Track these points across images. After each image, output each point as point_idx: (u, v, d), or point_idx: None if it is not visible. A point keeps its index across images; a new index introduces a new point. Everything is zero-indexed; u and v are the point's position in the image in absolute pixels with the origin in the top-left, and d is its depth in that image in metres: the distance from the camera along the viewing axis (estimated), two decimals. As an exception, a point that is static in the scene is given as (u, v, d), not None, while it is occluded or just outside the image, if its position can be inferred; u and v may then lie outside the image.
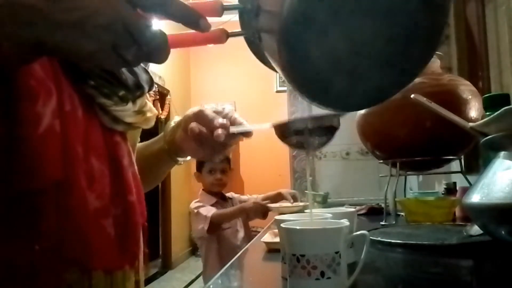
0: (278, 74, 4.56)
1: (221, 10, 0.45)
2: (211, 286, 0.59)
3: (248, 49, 0.50)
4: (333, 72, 0.39)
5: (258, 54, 0.47)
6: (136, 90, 0.55)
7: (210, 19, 0.43)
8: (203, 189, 2.19)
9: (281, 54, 0.37)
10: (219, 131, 0.61)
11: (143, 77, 0.57)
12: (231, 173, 2.29)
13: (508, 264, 0.61)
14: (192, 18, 0.42)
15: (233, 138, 0.63)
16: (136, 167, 0.58)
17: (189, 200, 4.93)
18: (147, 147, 0.67)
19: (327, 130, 0.48)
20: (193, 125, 0.62)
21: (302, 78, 0.39)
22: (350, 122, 1.34)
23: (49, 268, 0.44)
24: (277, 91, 4.74)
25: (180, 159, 0.71)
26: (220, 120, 0.62)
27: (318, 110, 0.45)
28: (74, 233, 0.45)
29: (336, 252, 0.47)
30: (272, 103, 4.30)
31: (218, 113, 0.65)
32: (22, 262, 0.42)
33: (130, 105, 0.54)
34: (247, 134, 0.65)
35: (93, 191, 0.48)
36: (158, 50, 0.41)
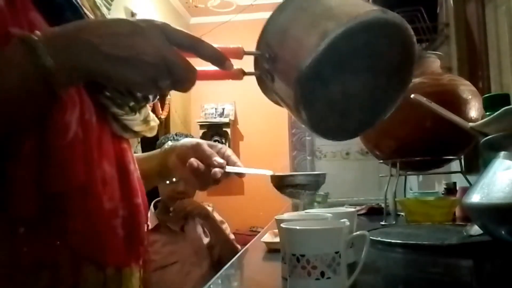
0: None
1: (242, 54, 0.54)
2: (211, 286, 0.59)
3: (247, 49, 0.55)
4: (330, 110, 0.52)
5: (266, 90, 0.56)
6: (143, 101, 0.60)
7: (207, 18, 0.48)
8: (157, 201, 1.55)
9: (295, 95, 0.48)
10: (217, 169, 0.67)
11: None
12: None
13: (508, 264, 0.61)
14: (219, 59, 0.50)
15: (227, 176, 0.70)
16: (139, 172, 0.62)
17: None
18: (138, 162, 0.69)
19: (314, 185, 0.63)
20: (192, 160, 0.67)
21: (308, 114, 0.50)
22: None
23: (69, 263, 0.48)
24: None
25: (168, 181, 0.76)
26: (218, 160, 0.68)
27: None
28: (91, 232, 0.50)
29: (336, 252, 0.47)
30: (271, 103, 4.28)
31: (212, 147, 0.72)
32: (47, 258, 0.46)
33: (138, 114, 0.60)
34: (240, 174, 0.72)
35: (105, 194, 0.52)
36: (188, 82, 0.48)
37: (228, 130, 4.40)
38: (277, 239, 0.81)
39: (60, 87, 0.44)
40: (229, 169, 0.69)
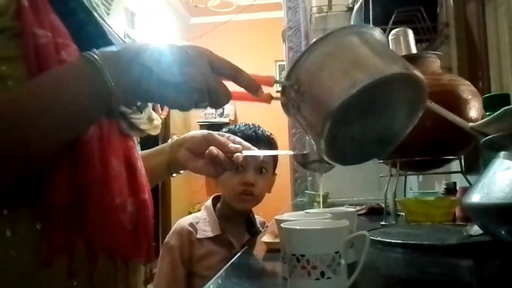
0: (278, 74, 4.53)
1: (273, 83, 0.61)
2: (211, 286, 0.59)
3: (247, 49, 0.58)
4: (349, 143, 0.57)
5: (288, 112, 0.62)
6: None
7: (207, 18, 0.50)
8: (220, 203, 1.23)
9: (320, 130, 0.54)
10: (238, 154, 0.71)
11: None
12: (272, 180, 1.27)
13: (508, 264, 0.61)
14: (253, 88, 0.57)
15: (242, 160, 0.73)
16: (147, 167, 0.65)
17: (189, 200, 4.93)
18: (145, 158, 0.72)
19: None
20: (212, 148, 0.70)
21: (326, 146, 0.55)
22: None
23: (85, 254, 0.50)
24: (277, 91, 4.73)
25: (175, 174, 0.79)
26: (234, 145, 0.72)
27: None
28: (105, 224, 0.52)
29: (336, 252, 0.47)
30: (272, 103, 4.27)
31: (222, 136, 0.75)
32: (65, 247, 0.48)
33: (144, 113, 0.63)
34: (257, 156, 0.77)
35: (115, 189, 0.54)
36: (222, 105, 0.55)
37: (228, 130, 4.40)
38: (277, 239, 0.81)
39: (116, 106, 0.49)
40: (246, 152, 0.72)
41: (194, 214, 1.30)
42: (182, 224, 1.19)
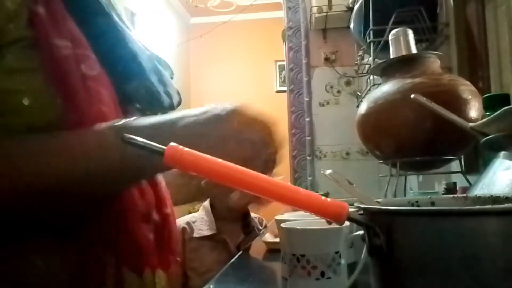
0: (277, 74, 4.50)
1: (345, 218, 0.38)
2: (211, 286, 0.59)
3: (248, 49, 0.55)
4: None
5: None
6: (169, 110, 0.61)
7: (207, 18, 0.48)
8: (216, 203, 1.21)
9: None
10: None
11: (175, 98, 0.63)
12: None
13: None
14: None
15: None
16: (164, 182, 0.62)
17: (189, 200, 4.92)
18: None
19: None
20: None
21: None
22: (350, 122, 1.34)
23: (113, 273, 0.48)
24: (277, 91, 4.73)
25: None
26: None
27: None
28: (131, 238, 0.50)
29: (336, 252, 0.47)
30: (272, 103, 4.28)
31: None
32: (91, 263, 0.46)
33: None
34: None
35: (142, 207, 0.52)
36: None
37: (228, 130, 4.40)
38: (277, 239, 0.81)
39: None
40: None
41: (192, 214, 1.31)
42: (179, 223, 1.19)
